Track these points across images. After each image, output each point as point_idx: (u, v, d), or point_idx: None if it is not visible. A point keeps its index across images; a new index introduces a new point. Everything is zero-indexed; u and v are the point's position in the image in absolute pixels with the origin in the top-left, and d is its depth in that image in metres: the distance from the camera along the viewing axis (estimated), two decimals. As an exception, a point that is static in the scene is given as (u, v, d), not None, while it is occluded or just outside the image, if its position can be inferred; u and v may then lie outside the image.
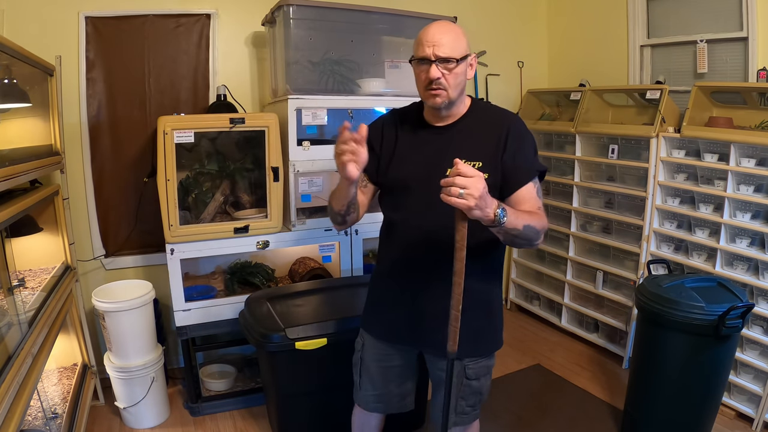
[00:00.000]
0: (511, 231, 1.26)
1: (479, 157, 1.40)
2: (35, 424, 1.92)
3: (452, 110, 1.44)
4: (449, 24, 1.39)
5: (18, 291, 1.94)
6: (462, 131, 1.45)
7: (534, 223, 1.31)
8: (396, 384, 1.66)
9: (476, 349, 1.52)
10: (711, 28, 2.78)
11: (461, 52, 1.36)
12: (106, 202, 2.71)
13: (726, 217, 2.43)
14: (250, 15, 2.78)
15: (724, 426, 2.38)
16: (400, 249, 1.50)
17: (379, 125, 1.54)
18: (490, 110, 1.52)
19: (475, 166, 1.36)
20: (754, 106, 2.49)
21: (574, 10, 3.58)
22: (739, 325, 1.93)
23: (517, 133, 1.42)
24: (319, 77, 2.55)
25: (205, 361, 2.87)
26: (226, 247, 2.44)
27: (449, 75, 1.35)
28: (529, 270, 3.71)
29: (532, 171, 1.42)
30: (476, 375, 1.55)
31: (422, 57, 1.35)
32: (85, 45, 2.53)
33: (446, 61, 1.34)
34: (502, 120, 1.45)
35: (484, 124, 1.45)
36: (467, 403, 1.57)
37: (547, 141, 3.51)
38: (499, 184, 1.41)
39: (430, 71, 1.34)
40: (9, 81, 1.87)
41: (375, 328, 1.62)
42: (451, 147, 1.42)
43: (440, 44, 1.33)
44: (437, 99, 1.38)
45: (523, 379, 2.88)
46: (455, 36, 1.36)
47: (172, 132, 2.23)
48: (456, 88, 1.38)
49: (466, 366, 1.53)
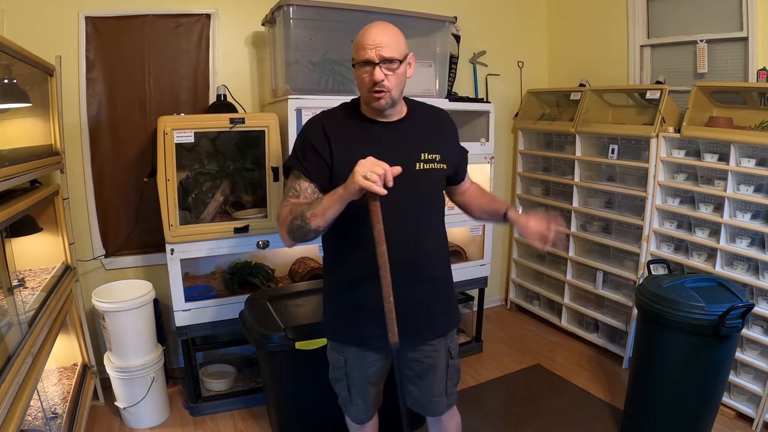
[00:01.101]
0: None
1: (436, 150, 1.49)
2: (35, 424, 1.92)
3: (396, 108, 1.47)
4: (388, 24, 1.39)
5: (18, 291, 1.94)
6: (414, 126, 1.50)
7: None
8: (374, 385, 1.67)
9: (452, 320, 1.63)
10: (711, 28, 2.78)
11: (402, 53, 1.38)
12: (106, 202, 2.71)
13: (726, 217, 2.43)
14: (250, 15, 2.78)
15: (724, 426, 2.38)
16: (367, 251, 1.37)
17: (318, 129, 1.44)
18: (426, 107, 1.58)
19: (436, 158, 1.48)
20: (754, 106, 2.49)
21: (574, 10, 3.58)
22: (739, 325, 1.93)
23: (453, 127, 1.60)
24: (319, 77, 2.55)
25: (205, 361, 2.87)
26: (226, 247, 2.44)
27: (392, 76, 1.36)
28: (529, 270, 3.72)
29: (466, 157, 1.65)
30: (455, 353, 1.64)
31: (365, 60, 1.34)
32: (85, 45, 2.53)
33: (389, 61, 1.34)
34: (440, 116, 1.58)
35: (427, 119, 1.54)
36: (453, 382, 1.64)
37: (547, 141, 3.51)
38: (451, 174, 1.57)
39: (375, 74, 1.34)
40: (9, 81, 1.87)
41: (361, 337, 1.54)
42: (411, 141, 1.47)
43: (382, 45, 1.33)
44: (381, 101, 1.38)
45: (523, 379, 2.88)
46: (396, 36, 1.37)
47: (172, 132, 2.23)
48: (398, 87, 1.39)
49: (449, 347, 1.61)
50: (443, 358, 1.59)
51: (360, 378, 1.61)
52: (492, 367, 2.99)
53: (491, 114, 3.06)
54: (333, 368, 1.65)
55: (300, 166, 1.44)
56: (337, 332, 1.60)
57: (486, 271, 3.16)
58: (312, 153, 1.43)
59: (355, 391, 1.63)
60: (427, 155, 1.47)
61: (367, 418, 1.71)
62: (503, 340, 3.34)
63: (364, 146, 1.39)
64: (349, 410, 1.70)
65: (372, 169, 1.22)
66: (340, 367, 1.62)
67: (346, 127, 1.46)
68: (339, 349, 1.60)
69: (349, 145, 1.42)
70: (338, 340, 1.60)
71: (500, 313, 3.85)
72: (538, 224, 1.47)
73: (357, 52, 1.37)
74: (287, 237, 1.41)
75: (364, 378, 1.61)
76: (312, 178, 1.43)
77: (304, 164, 1.43)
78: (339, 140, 1.43)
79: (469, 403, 2.59)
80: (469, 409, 2.54)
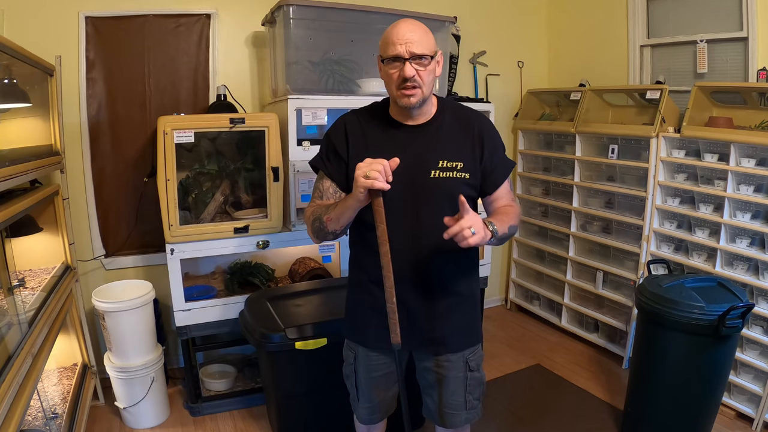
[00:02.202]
0: (501, 238, 1.35)
1: (459, 157, 1.41)
2: (35, 424, 1.92)
3: (423, 109, 1.41)
4: (417, 21, 1.36)
5: (18, 291, 1.94)
6: (439, 130, 1.43)
7: (513, 220, 1.40)
8: (385, 390, 1.65)
9: (471, 339, 1.56)
10: (711, 28, 2.78)
11: (432, 49, 1.35)
12: (106, 202, 2.71)
13: (726, 217, 2.43)
14: (250, 15, 2.78)
15: (724, 426, 2.38)
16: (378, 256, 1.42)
17: (340, 129, 1.47)
18: (460, 109, 1.50)
19: (457, 166, 1.39)
20: (754, 106, 2.49)
21: (574, 10, 3.58)
22: (739, 325, 1.93)
23: (491, 134, 1.45)
24: (319, 77, 2.55)
25: (205, 361, 2.87)
26: (226, 247, 2.44)
27: (423, 72, 1.33)
28: (529, 270, 3.71)
29: (507, 169, 1.48)
30: (477, 365, 1.57)
31: (395, 55, 1.31)
32: (85, 45, 2.53)
33: (420, 57, 1.31)
34: (474, 120, 1.46)
35: (457, 124, 1.45)
36: (474, 396, 1.58)
37: (547, 141, 3.51)
38: (478, 184, 1.44)
39: (405, 69, 1.30)
40: (9, 81, 1.87)
41: (367, 338, 1.56)
42: (431, 147, 1.40)
43: (412, 41, 1.30)
44: (412, 99, 1.34)
45: (523, 379, 2.88)
46: (425, 33, 1.34)
47: (172, 132, 2.23)
48: (429, 85, 1.36)
49: (468, 359, 1.54)
50: (460, 370, 1.53)
51: (365, 378, 1.61)
52: (492, 367, 2.99)
53: (491, 114, 3.06)
54: (345, 364, 1.67)
55: (323, 166, 1.48)
56: (348, 330, 1.63)
57: (486, 271, 3.15)
58: (333, 153, 1.46)
59: (362, 390, 1.64)
60: (446, 162, 1.39)
61: (370, 420, 1.69)
62: (503, 340, 3.34)
63: (380, 149, 1.38)
64: (356, 408, 1.71)
65: (370, 167, 1.23)
66: (350, 364, 1.64)
67: (368, 128, 1.45)
68: (350, 346, 1.63)
69: (367, 146, 1.42)
70: (349, 338, 1.64)
71: (500, 313, 3.85)
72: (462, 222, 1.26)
73: (386, 47, 1.34)
74: (312, 236, 1.48)
75: (369, 379, 1.61)
76: (333, 178, 1.46)
77: (326, 164, 1.47)
78: (357, 141, 1.43)
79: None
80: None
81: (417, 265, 1.43)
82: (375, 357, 1.58)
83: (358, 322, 1.58)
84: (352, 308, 1.62)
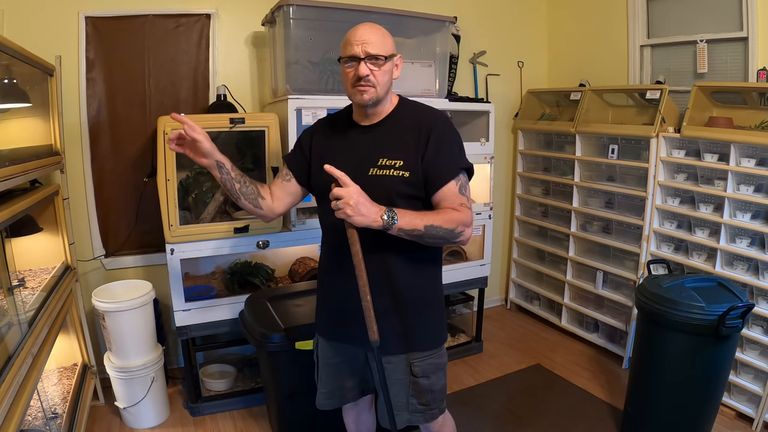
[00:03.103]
0: (411, 232, 1.33)
1: (399, 155, 1.42)
2: (35, 424, 1.92)
3: (378, 108, 1.47)
4: (376, 25, 1.44)
5: (18, 291, 1.94)
6: (386, 130, 1.47)
7: (440, 222, 1.35)
8: (347, 379, 1.67)
9: (414, 345, 1.51)
10: (711, 28, 2.78)
11: (388, 51, 1.42)
12: (106, 202, 2.71)
13: (726, 217, 2.43)
14: (250, 15, 2.78)
15: (724, 426, 2.38)
16: (331, 249, 1.56)
17: (310, 129, 1.62)
18: (417, 109, 1.52)
19: (396, 164, 1.41)
20: (754, 106, 2.49)
21: (575, 9, 3.58)
22: (739, 325, 1.93)
23: (440, 132, 1.44)
24: (319, 77, 2.55)
25: (205, 361, 2.87)
26: (226, 247, 2.44)
27: (378, 72, 1.39)
28: (529, 270, 3.72)
29: (455, 169, 1.43)
30: (423, 372, 1.52)
31: (351, 55, 1.39)
32: (85, 45, 2.53)
33: (375, 58, 1.38)
34: (426, 118, 1.47)
35: (408, 122, 1.47)
36: (419, 401, 1.55)
37: (547, 141, 3.51)
38: (422, 182, 1.42)
39: (359, 68, 1.37)
40: (9, 81, 1.87)
41: (320, 327, 1.67)
42: (375, 146, 1.46)
43: (368, 42, 1.37)
44: (365, 96, 1.40)
45: (523, 379, 2.88)
46: (383, 35, 1.41)
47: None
48: (384, 85, 1.41)
49: (411, 363, 1.52)
50: (401, 373, 1.52)
51: (323, 365, 1.68)
52: (492, 367, 2.99)
53: (491, 114, 3.06)
54: (313, 352, 1.74)
55: (288, 156, 1.65)
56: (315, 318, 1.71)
57: (486, 271, 3.16)
58: (298, 146, 1.62)
59: (320, 375, 1.70)
60: (386, 160, 1.42)
61: (325, 405, 1.70)
62: (503, 340, 3.34)
63: (334, 148, 1.51)
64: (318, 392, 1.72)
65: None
66: (314, 348, 1.72)
67: (333, 128, 1.57)
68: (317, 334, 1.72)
69: (326, 144, 1.54)
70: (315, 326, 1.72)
71: (500, 313, 3.85)
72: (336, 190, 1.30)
73: (344, 48, 1.42)
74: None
75: (325, 365, 1.67)
76: (290, 166, 1.61)
77: (290, 154, 1.65)
78: (319, 140, 1.57)
79: (469, 403, 2.60)
80: (469, 409, 2.54)
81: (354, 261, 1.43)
82: (328, 345, 1.65)
83: (317, 311, 1.69)
84: (317, 299, 1.71)
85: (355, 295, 1.39)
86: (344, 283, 1.47)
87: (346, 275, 1.44)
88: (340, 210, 1.27)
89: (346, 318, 1.53)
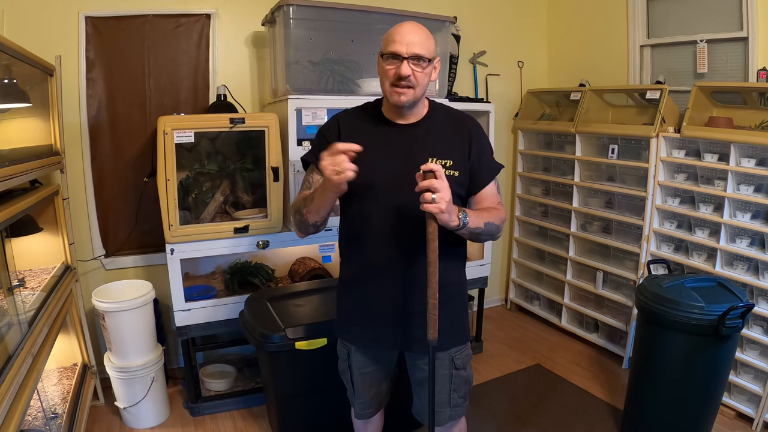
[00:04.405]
0: (474, 230, 1.36)
1: (450, 155, 1.43)
2: (35, 424, 1.92)
3: (414, 110, 1.45)
4: (421, 25, 1.40)
5: (18, 291, 1.94)
6: (429, 130, 1.46)
7: (493, 219, 1.41)
8: (377, 386, 1.67)
9: (457, 338, 1.56)
10: (711, 28, 2.78)
11: (432, 54, 1.38)
12: (106, 202, 2.71)
13: (726, 217, 2.43)
14: (250, 15, 2.78)
15: (724, 426, 2.38)
16: (372, 251, 1.47)
17: (334, 126, 1.51)
18: (450, 112, 1.53)
19: (446, 164, 1.41)
20: (754, 106, 2.49)
21: (574, 10, 3.58)
22: (739, 325, 1.93)
23: (479, 135, 1.48)
24: (319, 77, 2.55)
25: (205, 361, 2.88)
26: (226, 247, 2.44)
27: (420, 73, 1.36)
28: (529, 270, 3.71)
29: (494, 170, 1.50)
30: (463, 364, 1.58)
31: (394, 52, 1.34)
32: (85, 45, 2.53)
33: (419, 59, 1.34)
34: (463, 122, 1.49)
35: (448, 124, 1.48)
36: (459, 394, 1.59)
37: (547, 141, 3.51)
38: (467, 183, 1.46)
39: (402, 68, 1.33)
40: (9, 81, 1.87)
41: (357, 337, 1.58)
42: (421, 145, 1.43)
43: (414, 42, 1.33)
44: (402, 97, 1.36)
45: (523, 379, 2.88)
46: (428, 37, 1.38)
47: (172, 132, 2.23)
48: (423, 87, 1.39)
49: (453, 357, 1.55)
50: (445, 368, 1.54)
51: (357, 374, 1.64)
52: (492, 367, 2.99)
53: (491, 114, 3.06)
54: (340, 360, 1.69)
55: (314, 159, 1.49)
56: (339, 328, 1.64)
57: (486, 271, 3.16)
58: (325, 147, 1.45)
59: (356, 386, 1.66)
60: (437, 160, 1.40)
61: (363, 415, 1.71)
62: (503, 340, 3.34)
63: (372, 146, 1.39)
64: (353, 403, 1.72)
65: (335, 162, 1.25)
66: (345, 360, 1.65)
67: (360, 125, 1.48)
68: (344, 342, 1.65)
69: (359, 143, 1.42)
70: (340, 336, 1.65)
71: (500, 313, 3.85)
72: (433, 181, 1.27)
73: (387, 44, 1.36)
74: (296, 230, 1.52)
75: (360, 375, 1.63)
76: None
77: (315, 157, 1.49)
78: (349, 137, 1.43)
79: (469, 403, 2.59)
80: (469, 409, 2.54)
81: (405, 261, 1.44)
82: (364, 354, 1.60)
83: (346, 320, 1.60)
84: (341, 306, 1.62)
85: (402, 294, 1.41)
86: (397, 286, 1.44)
87: (394, 272, 1.43)
88: (434, 204, 1.21)
89: (399, 323, 1.48)
